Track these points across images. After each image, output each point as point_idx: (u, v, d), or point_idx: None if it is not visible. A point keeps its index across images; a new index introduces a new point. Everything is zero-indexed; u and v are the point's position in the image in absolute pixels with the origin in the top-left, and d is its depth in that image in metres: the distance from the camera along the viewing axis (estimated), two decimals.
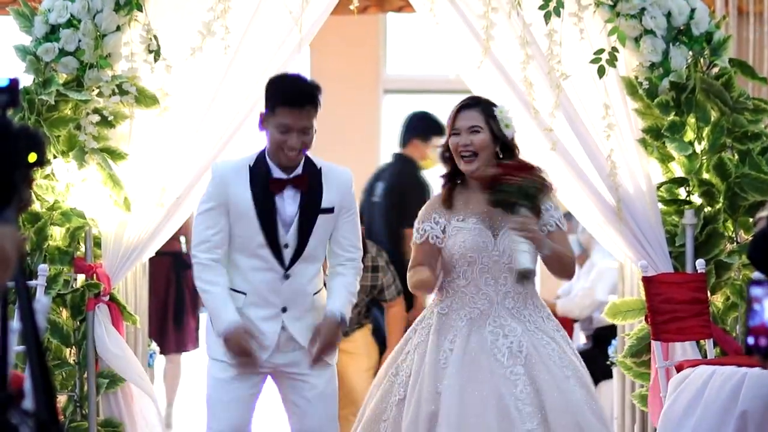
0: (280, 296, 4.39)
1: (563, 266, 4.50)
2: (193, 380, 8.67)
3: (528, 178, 4.38)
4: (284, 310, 4.40)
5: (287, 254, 4.37)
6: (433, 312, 4.51)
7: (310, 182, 4.39)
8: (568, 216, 8.24)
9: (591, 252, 7.79)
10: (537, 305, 4.49)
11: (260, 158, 4.40)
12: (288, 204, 4.37)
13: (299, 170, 4.39)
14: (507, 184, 4.36)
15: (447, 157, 4.54)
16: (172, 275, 7.89)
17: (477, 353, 4.36)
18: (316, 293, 4.47)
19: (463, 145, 4.45)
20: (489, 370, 4.32)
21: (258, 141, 4.58)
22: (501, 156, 4.48)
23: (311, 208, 4.38)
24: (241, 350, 4.34)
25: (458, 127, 4.48)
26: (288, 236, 4.36)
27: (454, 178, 4.56)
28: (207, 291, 4.37)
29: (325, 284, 4.57)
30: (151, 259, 5.80)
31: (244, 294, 4.40)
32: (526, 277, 4.44)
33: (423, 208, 4.56)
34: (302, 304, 4.43)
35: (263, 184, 4.35)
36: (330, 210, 4.41)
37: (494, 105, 4.54)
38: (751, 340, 2.76)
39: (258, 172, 4.37)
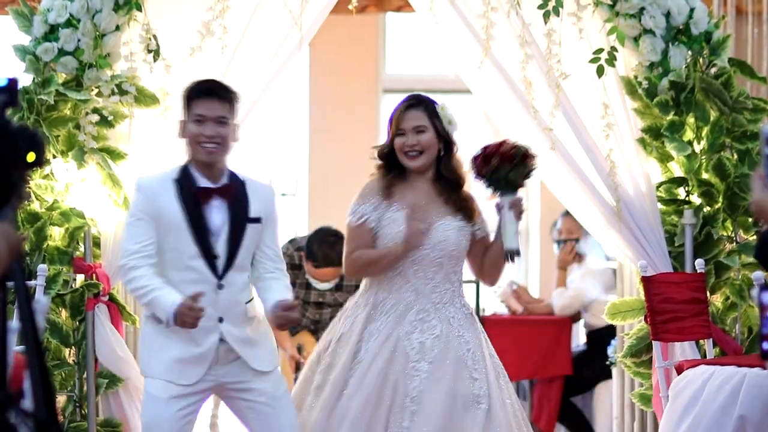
0: (216, 307, 4.32)
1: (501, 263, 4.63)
2: None
3: (513, 154, 4.44)
4: (221, 320, 4.35)
5: (219, 264, 4.33)
6: (359, 302, 4.58)
7: (236, 192, 4.38)
8: (566, 214, 8.24)
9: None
10: (463, 304, 4.57)
11: (184, 170, 4.38)
12: (215, 214, 4.34)
13: (225, 180, 4.38)
14: (500, 165, 4.43)
15: (386, 153, 4.58)
16: None
17: (390, 352, 4.43)
18: (248, 302, 4.43)
19: (409, 145, 4.52)
20: (395, 363, 4.41)
21: (255, 142, 4.58)
22: (442, 153, 4.54)
23: (240, 218, 4.36)
24: (196, 318, 4.19)
25: (403, 127, 4.53)
26: (218, 246, 4.33)
27: (390, 171, 4.59)
28: (143, 286, 4.24)
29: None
30: None
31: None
32: (514, 256, 4.51)
33: (362, 190, 4.60)
34: (237, 314, 4.38)
35: (190, 194, 4.33)
36: (258, 220, 4.39)
37: (436, 103, 4.60)
38: (766, 346, 2.84)
39: (184, 183, 4.34)
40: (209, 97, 4.35)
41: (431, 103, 4.60)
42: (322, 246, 6.42)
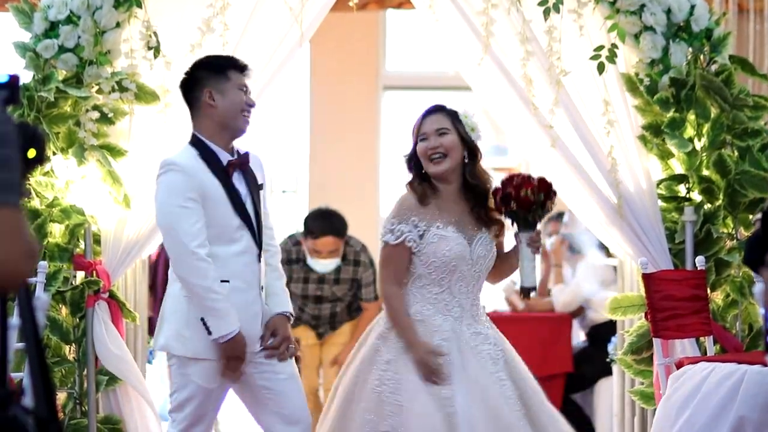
0: (257, 276, 4.44)
1: (512, 272, 4.68)
2: None
3: (532, 201, 4.39)
4: (262, 288, 4.47)
5: (257, 233, 4.43)
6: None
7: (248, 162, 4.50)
8: (556, 216, 8.30)
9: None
10: (483, 314, 4.57)
11: (202, 146, 4.40)
12: (239, 185, 4.42)
13: (237, 150, 4.48)
14: (518, 209, 4.40)
15: (412, 164, 4.51)
16: None
17: (467, 356, 4.39)
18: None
19: (432, 147, 4.44)
20: (481, 373, 4.37)
21: (255, 138, 4.60)
22: (467, 161, 4.48)
23: (255, 186, 4.47)
24: (241, 357, 4.34)
25: (425, 131, 4.47)
26: (252, 215, 4.42)
27: (422, 182, 4.51)
28: (215, 291, 4.27)
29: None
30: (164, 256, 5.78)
31: (227, 282, 4.34)
32: (530, 292, 4.52)
33: (397, 207, 4.47)
34: (262, 282, 4.51)
35: (220, 167, 4.38)
36: (262, 186, 4.52)
37: (458, 110, 4.54)
38: None
39: (209, 159, 4.39)
40: (244, 69, 4.46)
41: (454, 109, 4.54)
42: (317, 219, 6.71)
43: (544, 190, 4.41)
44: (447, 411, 4.26)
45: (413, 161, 4.51)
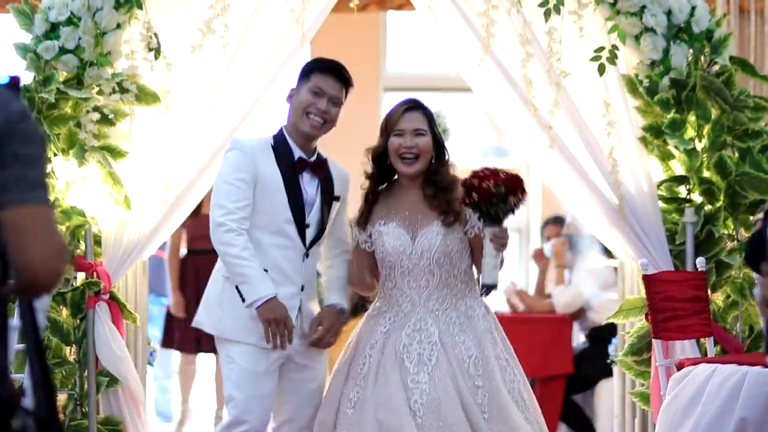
0: (300, 275, 4.45)
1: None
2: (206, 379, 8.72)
3: (492, 193, 4.25)
4: (302, 288, 4.47)
5: (309, 234, 4.46)
6: (368, 312, 4.57)
7: (326, 169, 4.53)
8: (555, 220, 8.31)
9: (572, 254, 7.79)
10: (471, 305, 4.48)
11: (280, 138, 4.50)
12: (308, 185, 4.47)
13: (316, 155, 4.52)
14: (478, 202, 4.27)
15: (379, 155, 4.51)
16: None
17: (388, 363, 4.35)
18: (318, 277, 4.62)
19: (406, 147, 4.44)
20: (393, 378, 4.31)
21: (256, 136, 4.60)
22: (433, 161, 4.48)
23: (329, 193, 4.51)
24: (282, 319, 4.30)
25: (402, 128, 4.47)
26: (311, 216, 4.46)
27: (382, 180, 4.54)
28: (243, 257, 4.29)
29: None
30: (191, 257, 5.75)
31: (265, 271, 4.38)
32: (490, 290, 4.43)
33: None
34: (313, 286, 4.54)
35: (289, 162, 4.45)
36: (338, 198, 4.56)
37: (431, 110, 4.55)
38: None
39: (281, 150, 4.47)
40: (332, 74, 4.49)
41: (429, 109, 4.55)
42: None
43: (509, 184, 4.25)
44: (342, 409, 4.34)
45: (381, 153, 4.49)
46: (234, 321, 4.38)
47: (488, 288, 4.40)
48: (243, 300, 4.32)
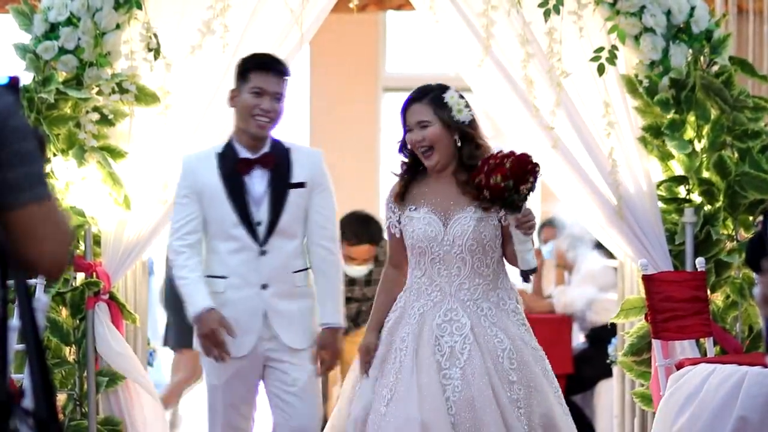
0: (259, 273, 4.44)
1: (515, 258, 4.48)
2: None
3: (503, 188, 4.13)
4: (264, 287, 4.45)
5: (261, 231, 4.44)
6: (396, 305, 4.41)
7: (277, 160, 4.48)
8: (550, 222, 8.31)
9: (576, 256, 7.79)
10: (503, 297, 4.36)
11: (228, 144, 4.52)
12: (257, 183, 4.46)
13: (266, 149, 4.48)
14: (491, 197, 4.17)
15: (405, 148, 4.42)
16: None
17: (423, 359, 4.23)
18: (297, 271, 4.50)
19: (415, 141, 4.34)
20: (429, 373, 4.20)
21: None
22: (460, 144, 4.34)
23: (280, 184, 4.46)
24: (210, 333, 4.35)
25: (409, 123, 4.38)
26: (260, 213, 4.45)
27: (414, 169, 4.43)
28: (182, 277, 4.43)
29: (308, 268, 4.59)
30: None
31: (225, 278, 4.45)
32: (529, 275, 4.36)
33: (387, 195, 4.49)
34: (284, 281, 4.47)
35: (231, 166, 4.46)
36: (301, 185, 4.48)
37: (444, 92, 4.40)
38: None
39: (226, 156, 4.49)
40: (269, 71, 4.45)
41: (437, 94, 4.40)
42: (352, 224, 6.59)
43: (516, 173, 4.13)
44: (376, 406, 4.26)
45: (405, 146, 4.42)
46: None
47: (526, 274, 4.33)
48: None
